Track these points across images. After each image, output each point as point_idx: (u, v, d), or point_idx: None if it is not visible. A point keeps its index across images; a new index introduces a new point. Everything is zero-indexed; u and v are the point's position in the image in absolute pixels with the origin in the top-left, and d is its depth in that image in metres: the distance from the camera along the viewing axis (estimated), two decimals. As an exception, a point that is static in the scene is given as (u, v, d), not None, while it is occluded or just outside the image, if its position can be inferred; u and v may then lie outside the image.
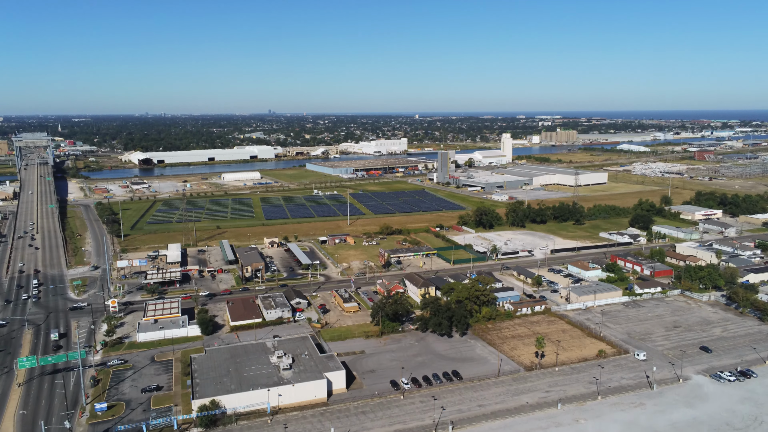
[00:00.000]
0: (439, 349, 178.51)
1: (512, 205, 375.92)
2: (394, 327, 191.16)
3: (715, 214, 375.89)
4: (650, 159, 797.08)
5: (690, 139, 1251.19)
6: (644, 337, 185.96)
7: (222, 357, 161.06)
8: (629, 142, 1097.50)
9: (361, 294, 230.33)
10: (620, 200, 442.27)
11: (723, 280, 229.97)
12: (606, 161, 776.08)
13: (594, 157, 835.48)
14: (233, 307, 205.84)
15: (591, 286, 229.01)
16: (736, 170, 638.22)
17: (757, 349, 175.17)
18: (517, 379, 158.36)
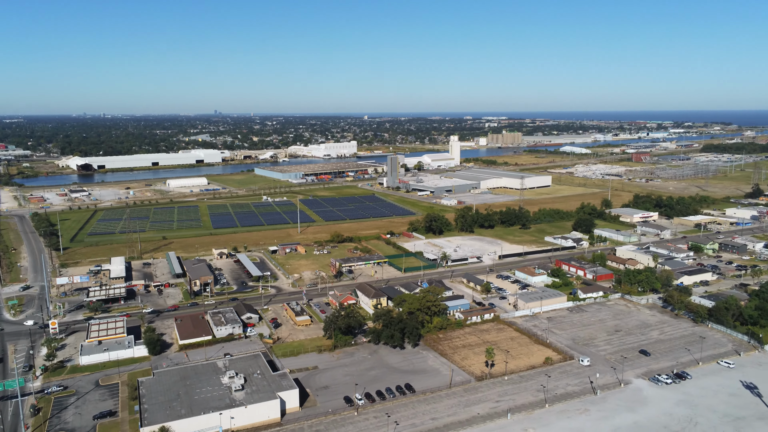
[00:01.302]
0: (392, 361, 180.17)
1: (461, 211, 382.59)
2: (347, 340, 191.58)
3: (651, 216, 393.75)
4: (591, 161, 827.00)
5: (628, 140, 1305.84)
6: (588, 343, 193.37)
7: (171, 379, 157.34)
8: (571, 144, 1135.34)
9: (314, 306, 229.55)
10: (564, 203, 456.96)
11: (659, 283, 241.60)
12: (550, 163, 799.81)
13: (539, 159, 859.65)
14: (182, 324, 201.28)
15: (537, 292, 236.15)
16: (670, 172, 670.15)
17: (691, 351, 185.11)
18: (468, 390, 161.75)
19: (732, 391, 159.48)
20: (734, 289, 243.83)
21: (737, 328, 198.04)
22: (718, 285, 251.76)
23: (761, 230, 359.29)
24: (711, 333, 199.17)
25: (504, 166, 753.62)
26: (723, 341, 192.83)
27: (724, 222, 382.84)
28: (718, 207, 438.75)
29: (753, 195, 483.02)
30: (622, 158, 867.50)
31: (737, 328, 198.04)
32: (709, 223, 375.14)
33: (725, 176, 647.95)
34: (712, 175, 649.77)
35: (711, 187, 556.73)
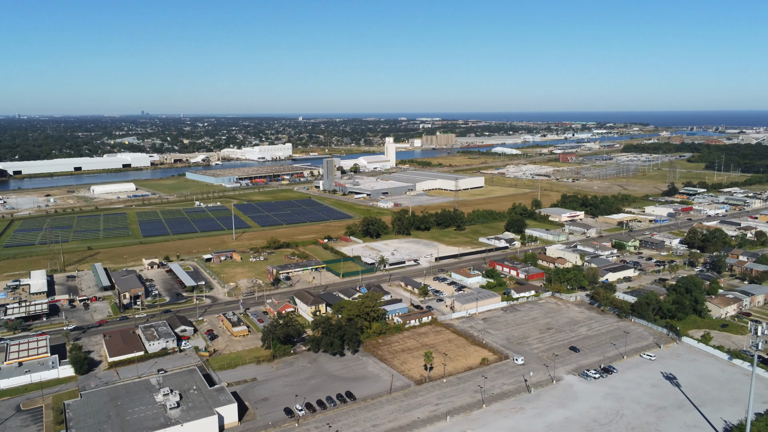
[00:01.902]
0: (332, 369, 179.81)
1: (398, 214, 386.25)
2: (285, 350, 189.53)
3: (578, 215, 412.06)
4: (521, 161, 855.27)
5: (555, 141, 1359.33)
6: (522, 341, 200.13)
7: (101, 400, 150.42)
8: (502, 145, 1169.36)
9: (251, 315, 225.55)
10: (496, 204, 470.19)
11: (587, 281, 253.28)
12: (482, 164, 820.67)
13: (472, 160, 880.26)
14: (111, 340, 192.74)
15: (473, 293, 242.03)
16: (594, 171, 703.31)
17: (616, 345, 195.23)
18: (408, 395, 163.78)
19: (654, 382, 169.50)
20: (654, 284, 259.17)
21: (657, 322, 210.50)
22: (640, 281, 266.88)
23: (677, 227, 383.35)
24: (634, 327, 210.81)
25: (438, 167, 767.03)
26: (645, 335, 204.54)
27: (643, 220, 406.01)
28: (639, 205, 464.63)
29: (669, 193, 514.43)
30: (550, 158, 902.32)
31: (657, 322, 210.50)
32: (630, 221, 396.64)
33: (644, 175, 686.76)
34: (633, 174, 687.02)
35: (631, 185, 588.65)
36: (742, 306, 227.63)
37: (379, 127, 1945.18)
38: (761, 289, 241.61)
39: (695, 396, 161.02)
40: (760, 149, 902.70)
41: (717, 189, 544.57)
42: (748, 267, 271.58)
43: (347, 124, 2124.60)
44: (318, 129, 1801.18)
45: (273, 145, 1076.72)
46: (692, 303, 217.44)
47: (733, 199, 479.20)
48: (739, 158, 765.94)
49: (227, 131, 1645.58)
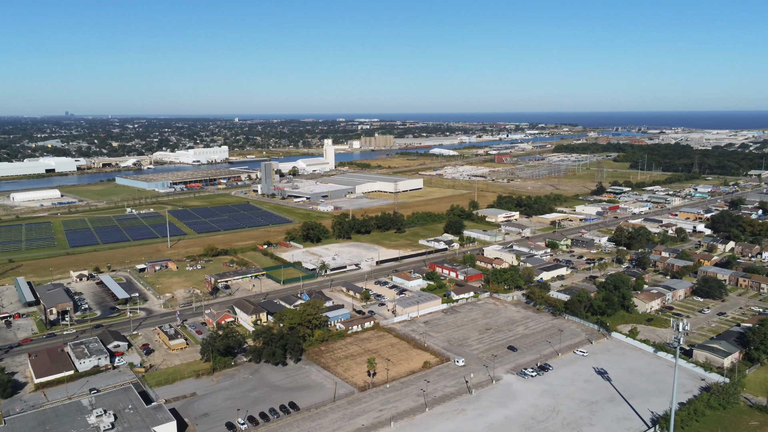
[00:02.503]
0: (275, 380, 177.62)
1: (338, 217, 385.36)
2: (226, 362, 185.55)
3: (513, 215, 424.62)
4: (459, 162, 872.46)
5: (490, 141, 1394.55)
6: (462, 343, 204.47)
7: (27, 425, 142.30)
8: (440, 146, 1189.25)
9: (189, 327, 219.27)
10: (435, 205, 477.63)
11: (522, 280, 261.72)
12: (421, 165, 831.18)
13: (410, 162, 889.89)
14: (37, 359, 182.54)
15: (414, 296, 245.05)
16: (528, 172, 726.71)
17: (551, 343, 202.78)
18: (352, 402, 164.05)
19: (587, 377, 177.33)
20: (585, 281, 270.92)
21: (589, 319, 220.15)
22: (572, 278, 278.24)
23: (605, 225, 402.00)
24: (567, 325, 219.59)
25: (378, 169, 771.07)
26: (578, 332, 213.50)
27: (574, 219, 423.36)
28: (570, 204, 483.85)
29: (597, 192, 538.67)
30: (486, 159, 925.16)
31: (589, 319, 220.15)
32: (562, 221, 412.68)
33: (574, 175, 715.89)
34: (564, 174, 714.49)
35: (563, 185, 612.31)
36: (665, 300, 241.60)
37: (318, 128, 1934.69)
38: (682, 284, 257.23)
39: (625, 389, 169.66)
40: (678, 149, 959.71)
41: (641, 188, 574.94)
42: (669, 263, 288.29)
43: (285, 126, 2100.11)
44: (255, 130, 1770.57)
45: (208, 148, 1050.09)
46: (620, 299, 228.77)
47: (655, 197, 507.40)
48: (660, 158, 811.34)
49: (159, 133, 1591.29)
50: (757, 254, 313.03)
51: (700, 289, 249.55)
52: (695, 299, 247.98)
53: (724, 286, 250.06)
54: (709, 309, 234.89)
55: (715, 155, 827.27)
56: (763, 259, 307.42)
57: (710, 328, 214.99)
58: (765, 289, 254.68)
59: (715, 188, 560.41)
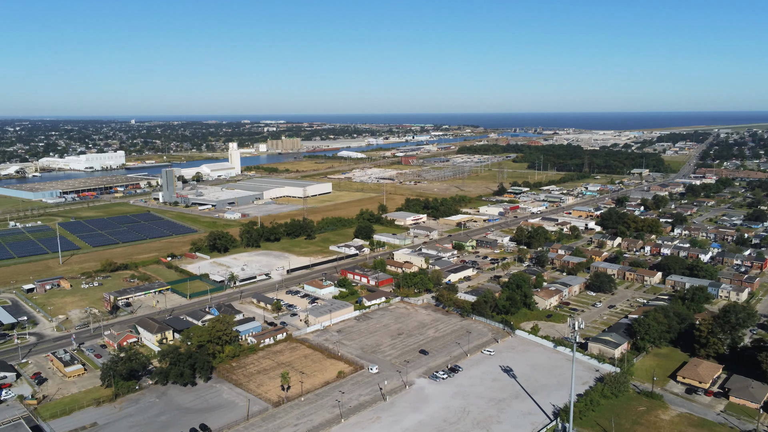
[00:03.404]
0: (184, 401, 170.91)
1: (246, 225, 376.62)
2: (130, 386, 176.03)
3: (421, 218, 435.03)
4: (367, 165, 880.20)
5: (397, 143, 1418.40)
6: (375, 350, 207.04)
7: None
8: (348, 148, 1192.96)
9: (87, 351, 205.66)
10: (345, 210, 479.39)
11: (432, 283, 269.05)
12: (329, 169, 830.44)
13: (318, 165, 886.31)
14: None
15: (327, 304, 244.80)
16: (434, 173, 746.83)
17: (461, 344, 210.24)
18: (266, 418, 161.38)
19: (494, 376, 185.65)
20: (490, 281, 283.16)
21: (494, 318, 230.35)
22: (478, 279, 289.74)
23: (507, 225, 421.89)
24: (475, 325, 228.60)
25: (286, 173, 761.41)
26: (484, 331, 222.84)
27: (478, 219, 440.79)
28: (474, 205, 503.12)
29: (499, 193, 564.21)
30: (393, 161, 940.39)
31: (494, 318, 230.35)
32: (467, 222, 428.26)
33: (477, 176, 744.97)
34: (467, 175, 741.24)
35: (467, 186, 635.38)
36: (563, 296, 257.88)
37: (222, 131, 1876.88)
38: (576, 280, 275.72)
39: (529, 385, 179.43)
40: (570, 149, 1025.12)
41: (538, 187, 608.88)
42: (566, 260, 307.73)
43: (186, 128, 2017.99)
44: (154, 133, 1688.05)
45: (102, 153, 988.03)
46: (522, 298, 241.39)
47: (551, 196, 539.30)
48: (555, 158, 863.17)
49: (45, 137, 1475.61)
50: (641, 248, 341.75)
51: (593, 284, 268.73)
52: (588, 294, 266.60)
53: (614, 281, 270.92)
54: (600, 303, 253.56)
55: (603, 155, 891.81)
56: (645, 253, 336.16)
57: (602, 321, 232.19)
58: (648, 281, 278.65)
59: (603, 187, 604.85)
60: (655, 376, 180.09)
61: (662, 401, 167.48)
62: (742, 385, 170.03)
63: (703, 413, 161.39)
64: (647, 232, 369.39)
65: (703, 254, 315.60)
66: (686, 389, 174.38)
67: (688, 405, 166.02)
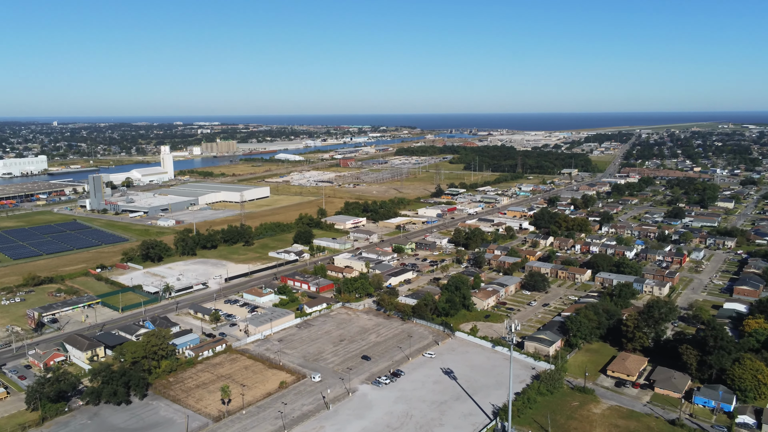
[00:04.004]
0: (118, 421, 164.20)
1: (181, 233, 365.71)
2: (58, 408, 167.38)
3: (361, 221, 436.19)
4: (305, 168, 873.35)
5: (335, 145, 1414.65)
6: (318, 357, 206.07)
7: None
8: (285, 151, 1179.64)
9: (9, 373, 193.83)
10: (284, 214, 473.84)
11: (372, 288, 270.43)
12: (267, 172, 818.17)
13: (255, 168, 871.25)
14: None
15: (267, 313, 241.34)
16: (372, 176, 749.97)
17: (402, 348, 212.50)
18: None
19: (435, 379, 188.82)
20: (430, 284, 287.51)
21: (434, 320, 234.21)
22: (418, 282, 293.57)
23: (445, 226, 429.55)
24: (416, 328, 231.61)
25: (222, 177, 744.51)
26: (425, 334, 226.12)
27: (417, 222, 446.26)
28: (412, 207, 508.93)
29: (437, 194, 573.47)
30: (332, 164, 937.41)
31: (434, 320, 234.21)
32: (406, 224, 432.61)
33: (415, 177, 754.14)
34: (406, 177, 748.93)
35: (405, 188, 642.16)
36: (500, 296, 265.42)
37: (153, 133, 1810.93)
38: (512, 280, 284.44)
39: (469, 386, 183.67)
40: (504, 150, 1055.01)
41: (474, 188, 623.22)
42: (502, 260, 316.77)
43: (114, 130, 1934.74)
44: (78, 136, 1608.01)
45: (22, 158, 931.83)
46: (461, 299, 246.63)
47: (487, 197, 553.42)
48: (489, 159, 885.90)
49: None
50: (572, 247, 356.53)
51: (528, 284, 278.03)
52: (524, 293, 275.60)
53: (547, 279, 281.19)
54: (535, 301, 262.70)
55: (535, 156, 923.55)
56: (576, 251, 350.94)
57: (537, 320, 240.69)
58: (579, 279, 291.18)
59: (535, 187, 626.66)
60: (587, 371, 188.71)
61: (594, 395, 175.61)
62: (666, 376, 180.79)
63: (631, 405, 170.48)
64: (577, 231, 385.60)
65: (628, 251, 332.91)
66: (615, 383, 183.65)
67: (617, 398, 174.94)
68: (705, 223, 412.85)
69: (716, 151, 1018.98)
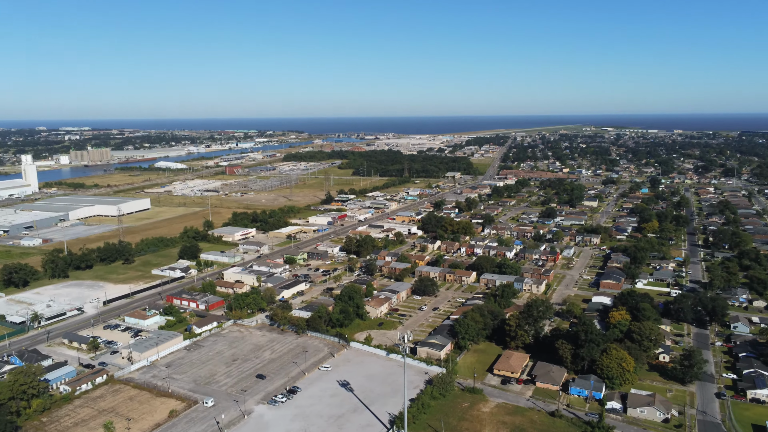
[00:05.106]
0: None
1: (49, 253, 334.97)
2: None
3: (250, 232, 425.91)
4: (188, 176, 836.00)
5: (220, 151, 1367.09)
6: (210, 381, 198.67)
7: None
8: (166, 158, 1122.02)
9: None
10: (167, 228, 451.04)
11: (265, 302, 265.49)
12: (146, 182, 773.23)
13: (133, 178, 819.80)
14: None
15: (152, 337, 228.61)
16: (260, 183, 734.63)
17: (298, 363, 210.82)
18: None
19: (332, 392, 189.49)
20: (323, 294, 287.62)
21: (329, 332, 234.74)
22: (311, 293, 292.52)
23: (336, 234, 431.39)
24: (311, 341, 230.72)
25: (95, 189, 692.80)
26: (321, 347, 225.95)
27: (308, 230, 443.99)
28: (303, 215, 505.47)
29: (327, 201, 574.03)
30: (217, 171, 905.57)
31: (329, 332, 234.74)
32: (297, 234, 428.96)
33: (305, 184, 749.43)
34: (295, 184, 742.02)
35: (295, 196, 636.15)
36: (392, 303, 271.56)
37: (11, 140, 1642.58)
38: (403, 286, 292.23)
39: (365, 396, 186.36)
40: (391, 155, 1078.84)
41: (363, 194, 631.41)
42: (393, 266, 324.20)
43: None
44: None
45: None
46: (355, 309, 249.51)
47: (376, 203, 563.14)
48: (377, 164, 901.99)
49: None
50: (458, 250, 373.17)
51: (418, 289, 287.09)
52: (415, 298, 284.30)
53: (436, 283, 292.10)
54: (426, 306, 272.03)
55: (421, 160, 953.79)
56: (462, 254, 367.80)
57: (428, 324, 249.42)
58: (465, 281, 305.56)
59: (422, 191, 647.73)
60: (476, 371, 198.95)
61: (482, 395, 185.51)
62: (546, 370, 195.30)
63: (515, 401, 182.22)
64: (462, 234, 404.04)
65: (508, 251, 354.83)
66: (502, 380, 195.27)
67: (504, 395, 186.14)
68: (574, 222, 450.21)
69: (581, 152, 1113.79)
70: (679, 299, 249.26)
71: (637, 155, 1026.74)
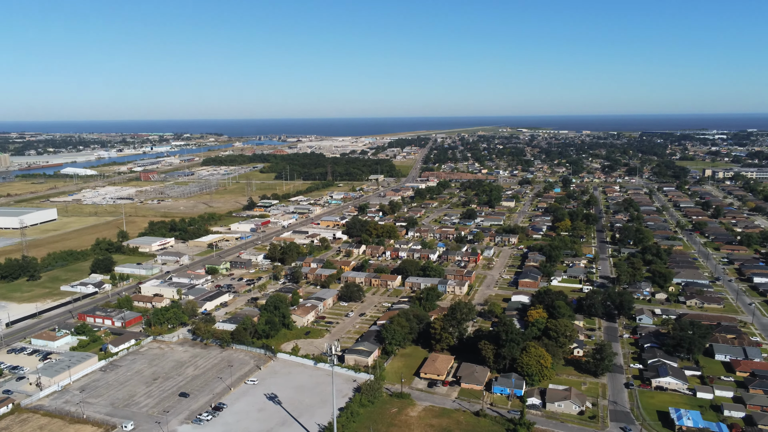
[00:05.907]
0: None
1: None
2: None
3: (169, 242, 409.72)
4: (99, 183, 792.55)
5: (133, 156, 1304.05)
6: (129, 403, 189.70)
7: None
8: (74, 164, 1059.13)
9: None
10: (77, 240, 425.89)
11: (186, 316, 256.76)
12: (52, 190, 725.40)
13: (37, 186, 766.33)
14: None
15: (63, 359, 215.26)
16: (178, 190, 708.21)
17: (223, 378, 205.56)
18: None
19: (260, 406, 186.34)
20: (248, 304, 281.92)
21: (255, 344, 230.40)
22: (235, 304, 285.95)
23: (260, 241, 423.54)
24: (237, 355, 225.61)
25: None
26: (246, 360, 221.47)
27: (231, 238, 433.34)
28: (224, 223, 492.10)
29: (249, 207, 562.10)
30: (131, 177, 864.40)
31: (255, 344, 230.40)
32: (219, 242, 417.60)
33: (225, 189, 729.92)
34: (215, 190, 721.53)
35: (215, 202, 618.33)
36: (318, 311, 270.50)
37: None
38: (329, 292, 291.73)
39: (294, 408, 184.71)
40: (314, 158, 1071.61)
41: (287, 199, 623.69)
42: (318, 273, 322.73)
43: None
44: None
45: None
46: (281, 318, 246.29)
47: (300, 208, 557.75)
48: (300, 167, 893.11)
49: None
50: (383, 254, 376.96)
51: (344, 295, 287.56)
52: (341, 304, 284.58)
53: (362, 289, 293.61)
54: (352, 312, 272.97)
55: (344, 163, 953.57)
56: (387, 258, 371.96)
57: (356, 330, 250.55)
58: (390, 285, 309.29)
59: (346, 194, 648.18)
60: (403, 376, 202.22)
61: (410, 399, 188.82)
62: (470, 371, 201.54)
63: (442, 403, 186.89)
64: (387, 238, 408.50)
65: (432, 254, 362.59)
66: (428, 383, 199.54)
67: (430, 398, 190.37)
68: (493, 222, 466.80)
69: (498, 153, 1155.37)
70: (590, 295, 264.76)
71: (550, 155, 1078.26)
